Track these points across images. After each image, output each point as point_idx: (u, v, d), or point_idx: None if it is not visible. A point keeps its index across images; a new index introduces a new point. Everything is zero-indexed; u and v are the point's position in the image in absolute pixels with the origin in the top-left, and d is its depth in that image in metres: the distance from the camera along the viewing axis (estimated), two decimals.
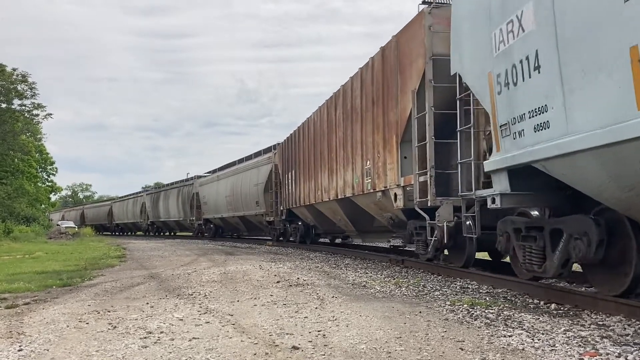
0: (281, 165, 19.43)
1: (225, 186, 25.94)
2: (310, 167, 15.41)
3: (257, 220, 22.54)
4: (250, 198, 22.17)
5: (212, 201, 28.04)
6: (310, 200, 15.27)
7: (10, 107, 32.82)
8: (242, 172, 24.01)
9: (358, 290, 6.90)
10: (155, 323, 4.91)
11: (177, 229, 38.54)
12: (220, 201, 26.54)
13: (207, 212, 29.10)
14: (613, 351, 3.60)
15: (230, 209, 24.99)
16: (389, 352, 3.74)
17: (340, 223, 14.13)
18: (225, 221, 26.94)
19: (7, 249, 20.64)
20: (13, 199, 36.39)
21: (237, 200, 23.93)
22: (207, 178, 30.34)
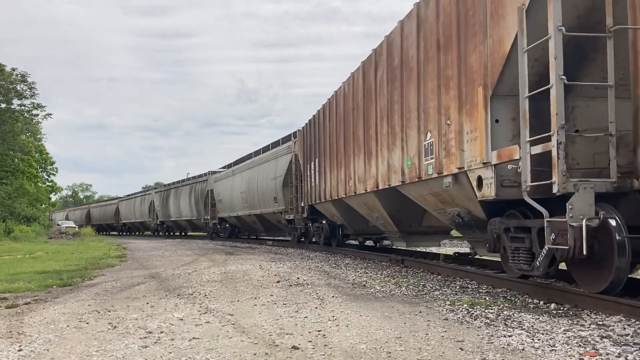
0: (302, 154, 16.71)
1: (240, 181, 23.72)
2: (338, 153, 12.58)
3: (275, 218, 20.29)
4: (267, 194, 19.99)
5: (227, 198, 25.76)
6: (337, 193, 12.59)
7: (9, 107, 32.83)
8: (259, 165, 21.61)
9: (358, 290, 6.90)
10: (155, 323, 4.91)
11: (189, 229, 36.25)
12: (235, 198, 24.29)
13: (222, 211, 26.77)
14: (613, 351, 3.60)
15: (246, 207, 22.80)
16: (389, 352, 3.74)
17: (378, 222, 11.40)
18: (242, 220, 24.62)
19: (8, 249, 20.64)
20: (13, 199, 36.42)
21: (253, 197, 21.77)
22: (222, 173, 27.92)
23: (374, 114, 10.01)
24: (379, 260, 11.13)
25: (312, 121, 15.34)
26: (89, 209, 64.64)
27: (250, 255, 14.09)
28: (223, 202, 26.46)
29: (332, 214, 14.29)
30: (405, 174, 8.60)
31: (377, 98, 9.89)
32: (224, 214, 26.51)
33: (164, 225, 39.11)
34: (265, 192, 20.17)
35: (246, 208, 22.80)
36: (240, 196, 23.38)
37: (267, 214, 20.72)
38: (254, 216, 22.24)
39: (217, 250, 17.54)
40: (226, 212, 26.09)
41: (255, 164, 22.33)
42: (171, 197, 36.34)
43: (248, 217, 23.16)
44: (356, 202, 11.79)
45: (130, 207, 47.92)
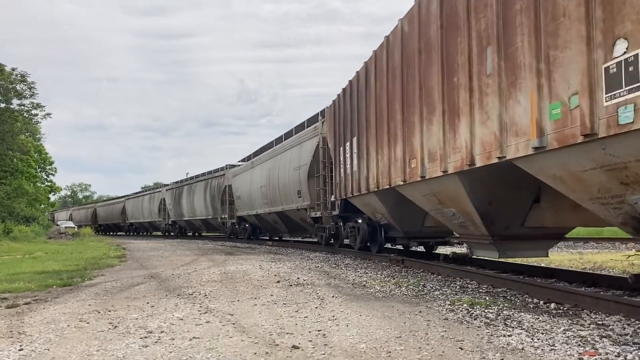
0: (332, 135, 13.49)
1: (260, 174, 20.73)
2: (391, 122, 9.04)
3: (299, 216, 17.30)
4: (289, 187, 17.03)
5: (245, 194, 22.74)
6: (389, 181, 9.14)
7: (9, 107, 32.82)
8: (280, 154, 18.53)
9: (358, 290, 6.91)
10: (155, 323, 4.92)
11: (203, 229, 33.11)
12: (254, 194, 21.30)
13: (241, 209, 23.69)
14: (612, 350, 3.61)
15: (266, 203, 19.77)
16: (389, 351, 3.75)
17: (453, 220, 7.85)
18: (262, 219, 21.56)
19: (7, 249, 20.64)
20: (12, 199, 36.39)
21: (273, 191, 18.78)
22: (241, 167, 24.81)
23: (467, 45, 6.28)
24: (379, 261, 11.13)
25: (348, 89, 11.94)
26: (95, 208, 61.29)
27: (250, 256, 14.09)
28: (242, 198, 23.38)
29: (375, 210, 11.09)
30: (546, 134, 4.86)
31: (470, 20, 6.24)
32: (243, 213, 23.47)
33: (175, 225, 36.00)
34: (288, 186, 17.25)
35: (266, 205, 19.91)
36: (260, 191, 20.46)
37: (289, 212, 17.77)
38: (275, 214, 19.22)
39: (217, 250, 17.54)
40: (245, 210, 23.05)
41: (276, 153, 19.17)
42: (184, 194, 33.19)
43: (268, 215, 20.07)
44: (418, 193, 8.35)
45: (138, 205, 44.61)
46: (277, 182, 18.36)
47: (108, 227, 56.13)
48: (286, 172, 17.47)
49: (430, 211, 8.71)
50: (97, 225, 57.09)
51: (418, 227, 10.37)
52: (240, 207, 23.87)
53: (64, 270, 10.80)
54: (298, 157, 16.54)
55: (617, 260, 9.89)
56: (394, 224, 10.67)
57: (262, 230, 23.58)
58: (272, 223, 20.74)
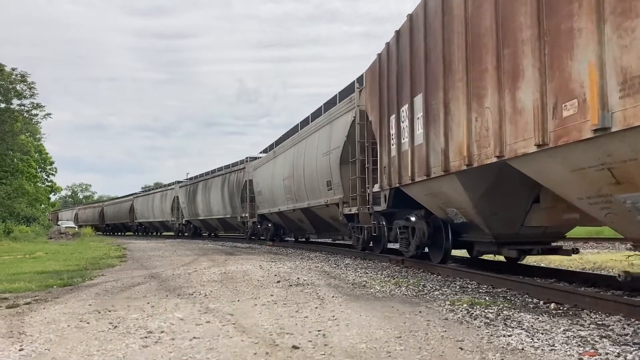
0: (377, 104, 10.33)
1: (282, 164, 17.96)
2: (501, 51, 5.70)
3: (329, 214, 14.25)
4: (317, 177, 14.11)
5: (267, 189, 20.14)
6: (496, 149, 5.76)
7: (9, 107, 32.83)
8: (305, 138, 15.65)
9: (358, 290, 6.91)
10: (156, 323, 4.92)
11: (220, 229, 30.00)
12: (276, 188, 18.61)
13: (262, 206, 21.10)
14: (612, 351, 3.61)
15: (290, 199, 17.08)
16: (389, 351, 3.75)
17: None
18: (286, 218, 18.87)
19: (8, 249, 20.64)
20: (13, 199, 36.40)
21: (298, 184, 16.02)
22: (262, 158, 22.10)
23: None
24: (379, 261, 11.14)
25: (406, 30, 8.69)
26: (103, 207, 57.54)
27: (250, 256, 14.10)
28: (263, 194, 20.84)
29: (448, 203, 7.81)
30: None
31: None
32: (265, 210, 20.80)
33: (190, 225, 33.14)
34: (315, 176, 14.27)
35: (290, 201, 17.11)
36: (282, 185, 17.67)
37: (317, 208, 14.80)
38: (300, 212, 16.43)
39: (217, 250, 17.55)
40: (267, 207, 20.35)
41: (301, 137, 16.23)
42: (199, 191, 30.26)
43: (292, 213, 17.37)
44: (567, 166, 4.86)
45: (148, 204, 41.10)
46: (302, 173, 15.43)
47: (116, 227, 53.56)
48: (313, 159, 14.47)
49: (586, 199, 4.98)
50: (104, 225, 54.73)
51: (516, 228, 7.18)
52: (262, 203, 21.22)
53: (64, 270, 10.81)
54: (327, 140, 13.42)
55: (617, 260, 9.89)
56: (480, 223, 7.33)
57: (287, 230, 20.85)
58: (297, 222, 17.81)
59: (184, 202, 32.94)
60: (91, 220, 57.98)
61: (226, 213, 25.96)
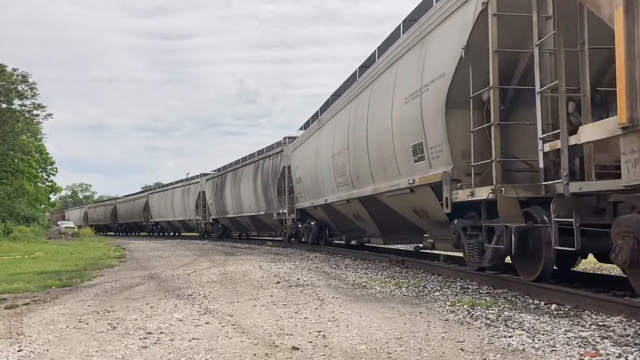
0: None
1: (331, 135, 12.57)
2: None
3: (413, 205, 8.76)
4: (392, 142, 8.76)
5: (308, 174, 15.17)
6: None
7: (10, 107, 32.82)
8: (371, 84, 10.10)
9: (358, 290, 6.89)
10: (154, 323, 4.90)
11: (252, 230, 24.82)
12: (322, 170, 13.47)
13: (302, 197, 16.28)
14: (613, 352, 3.59)
15: (343, 184, 11.80)
16: (389, 352, 3.73)
17: None
18: (335, 213, 13.56)
19: (7, 249, 20.63)
20: (13, 199, 36.39)
21: (356, 160, 10.72)
22: (303, 134, 16.92)
23: None
24: (379, 261, 11.12)
25: None
26: (115, 205, 51.55)
27: (249, 256, 14.08)
28: (303, 181, 15.80)
29: None
30: None
31: None
32: (305, 203, 15.97)
33: (218, 224, 28.33)
34: (387, 140, 8.95)
35: (342, 187, 11.81)
36: (331, 164, 12.34)
37: (389, 196, 9.34)
38: (358, 202, 10.98)
39: (217, 251, 17.53)
40: (308, 198, 15.52)
41: (363, 85, 10.53)
42: (227, 183, 25.25)
43: (345, 205, 12.01)
44: None
45: (167, 201, 35.74)
46: (365, 141, 9.86)
47: (129, 227, 48.65)
48: (385, 113, 8.92)
49: None
50: (117, 224, 49.90)
51: None
52: (301, 194, 16.27)
53: (63, 270, 10.79)
54: (416, 70, 7.89)
55: None
56: None
57: (335, 230, 15.39)
58: (353, 219, 12.40)
59: (210, 197, 28.10)
60: (102, 219, 53.36)
61: (259, 209, 20.72)
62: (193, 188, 31.50)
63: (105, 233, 54.15)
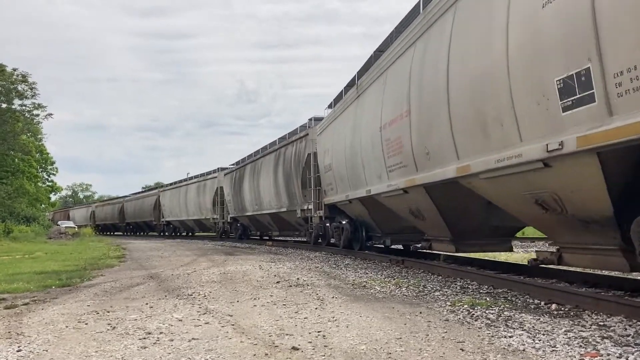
0: None
1: (377, 101, 9.54)
2: None
3: (549, 189, 5.03)
4: (514, 87, 5.06)
5: (340, 159, 12.32)
6: None
7: (10, 107, 32.83)
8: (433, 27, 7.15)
9: (358, 290, 6.88)
10: (154, 324, 4.89)
11: (274, 229, 21.87)
12: (362, 150, 10.52)
13: (332, 189, 13.32)
14: (614, 352, 3.58)
15: (395, 166, 8.73)
16: (389, 352, 3.72)
17: None
18: (380, 208, 10.47)
19: (7, 249, 20.62)
20: (13, 199, 36.39)
21: (423, 127, 7.41)
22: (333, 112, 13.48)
23: None
24: (379, 261, 11.11)
25: None
26: (123, 203, 49.23)
27: (249, 256, 14.07)
28: (334, 169, 12.89)
29: None
30: None
31: None
32: (336, 197, 13.02)
33: (237, 224, 25.53)
34: (488, 81, 5.59)
35: (396, 171, 8.81)
36: (378, 139, 9.38)
37: (495, 179, 5.81)
38: (423, 192, 7.84)
39: (217, 250, 17.52)
40: (340, 190, 12.60)
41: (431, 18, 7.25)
42: (246, 177, 22.74)
43: (399, 198, 8.92)
44: None
45: (179, 198, 33.17)
46: (445, 90, 6.65)
47: (137, 227, 46.46)
48: (492, 37, 5.50)
49: None
50: (124, 224, 48.17)
51: None
52: (331, 185, 13.42)
53: (63, 270, 10.78)
54: None
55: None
56: None
57: (376, 230, 11.87)
58: (407, 217, 9.27)
59: (229, 194, 25.43)
60: (110, 218, 51.44)
61: (280, 205, 18.11)
62: (209, 184, 28.62)
63: (113, 233, 52.78)
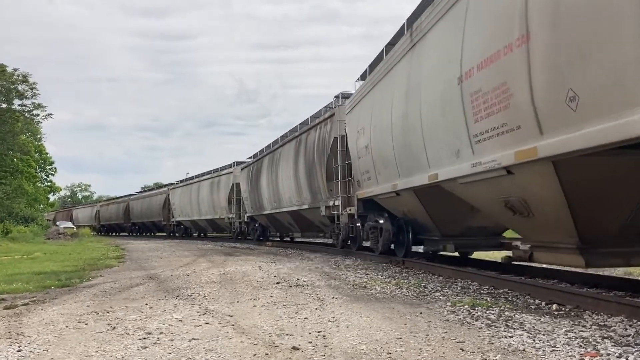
0: None
1: (453, 43, 6.29)
2: None
3: None
4: None
5: (383, 137, 9.28)
6: None
7: (10, 107, 32.80)
8: None
9: (358, 291, 6.88)
10: (154, 324, 4.89)
11: (294, 230, 19.36)
12: (423, 119, 7.34)
13: (369, 179, 10.63)
14: (614, 352, 3.58)
15: (485, 131, 5.62)
16: (389, 352, 3.72)
17: None
18: (446, 200, 7.59)
19: (6, 250, 20.60)
20: (12, 199, 36.34)
21: (560, 57, 4.34)
22: (371, 78, 10.33)
23: None
24: (380, 262, 11.10)
25: None
26: (128, 202, 46.54)
27: (249, 256, 14.06)
28: (374, 151, 10.03)
29: None
30: None
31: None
32: (375, 189, 10.31)
33: (255, 223, 22.93)
34: None
35: (492, 140, 5.56)
36: (456, 96, 6.23)
37: None
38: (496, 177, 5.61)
39: (216, 251, 17.51)
40: (383, 179, 9.79)
41: None
42: (264, 170, 20.17)
43: (484, 184, 5.97)
44: None
45: (190, 197, 30.84)
46: None
47: (144, 227, 43.89)
48: None
49: None
50: (130, 224, 46.04)
51: None
52: (367, 174, 10.58)
53: (62, 271, 10.77)
54: None
55: None
56: None
57: (434, 230, 8.99)
58: (501, 211, 6.17)
59: (245, 190, 23.03)
60: (114, 218, 49.54)
61: (301, 202, 15.64)
62: (224, 180, 26.05)
63: (118, 234, 51.18)
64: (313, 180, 14.72)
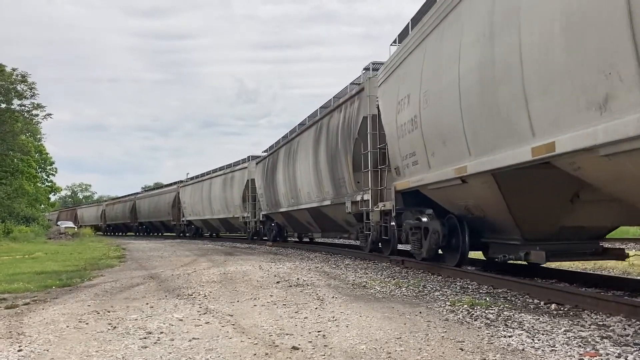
0: None
1: None
2: None
3: None
4: None
5: (437, 105, 6.99)
6: None
7: (9, 107, 32.80)
8: None
9: (358, 290, 6.89)
10: (155, 323, 4.90)
11: (315, 230, 17.09)
12: (521, 67, 4.90)
13: (413, 164, 8.11)
14: (613, 351, 3.59)
15: None
16: (389, 352, 3.73)
17: None
18: (547, 184, 5.39)
19: (7, 249, 20.61)
20: (12, 199, 36.36)
21: None
22: (421, 27, 7.71)
23: None
24: (379, 261, 11.12)
25: None
26: (135, 200, 44.40)
27: (249, 256, 14.08)
28: (421, 125, 7.58)
29: None
30: None
31: None
32: (424, 176, 7.81)
33: (271, 222, 21.05)
34: None
35: None
36: (553, 36, 4.42)
37: None
38: None
39: (217, 251, 17.52)
40: (433, 165, 7.49)
41: None
42: (279, 163, 18.45)
43: None
44: None
45: (202, 194, 28.74)
46: None
47: (152, 227, 41.80)
48: None
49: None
50: (137, 223, 44.12)
51: None
52: (414, 157, 8.23)
53: (63, 270, 10.79)
54: None
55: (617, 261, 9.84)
56: None
57: (502, 232, 6.96)
58: None
59: (261, 186, 21.03)
60: (120, 218, 47.84)
61: (322, 197, 13.82)
62: (238, 176, 23.84)
63: (125, 234, 49.63)
64: (336, 171, 12.68)
